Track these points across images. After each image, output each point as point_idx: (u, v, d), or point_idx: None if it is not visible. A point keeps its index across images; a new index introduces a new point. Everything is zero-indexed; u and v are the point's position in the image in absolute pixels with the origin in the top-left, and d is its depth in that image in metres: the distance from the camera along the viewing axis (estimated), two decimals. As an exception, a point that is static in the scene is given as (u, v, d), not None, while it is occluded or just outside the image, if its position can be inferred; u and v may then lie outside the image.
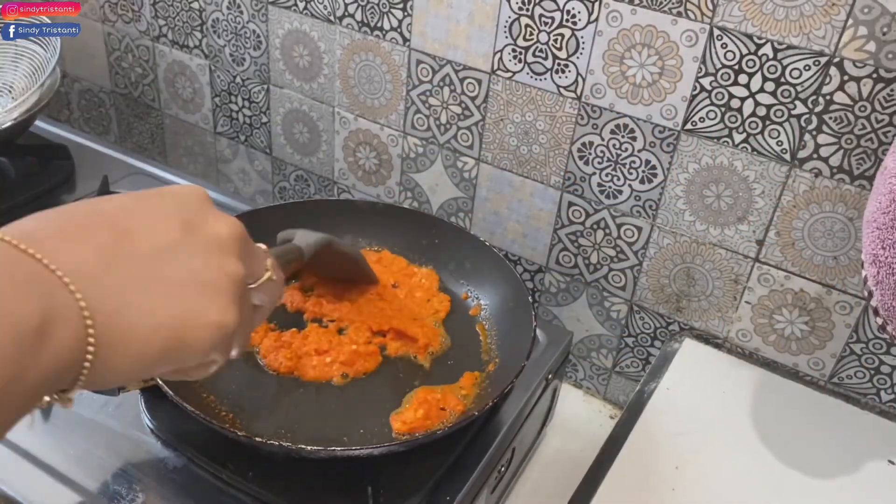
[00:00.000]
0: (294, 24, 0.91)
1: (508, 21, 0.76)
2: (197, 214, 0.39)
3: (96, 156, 1.01)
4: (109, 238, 0.34)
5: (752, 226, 0.73)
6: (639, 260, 0.81)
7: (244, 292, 0.40)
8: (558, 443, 0.83)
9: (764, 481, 0.66)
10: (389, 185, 0.95)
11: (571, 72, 0.75)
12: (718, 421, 0.72)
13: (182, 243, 0.37)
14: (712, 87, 0.69)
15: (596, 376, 0.91)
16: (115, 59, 1.12)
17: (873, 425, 0.73)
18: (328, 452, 0.57)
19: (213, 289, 0.37)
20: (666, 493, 0.65)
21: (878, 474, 0.68)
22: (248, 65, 0.98)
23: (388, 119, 0.90)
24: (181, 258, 0.36)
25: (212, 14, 0.98)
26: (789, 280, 0.74)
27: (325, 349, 0.69)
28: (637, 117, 0.74)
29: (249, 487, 0.59)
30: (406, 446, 0.58)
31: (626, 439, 0.69)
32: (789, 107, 0.67)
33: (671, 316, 0.82)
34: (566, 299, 0.88)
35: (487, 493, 0.66)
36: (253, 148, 1.05)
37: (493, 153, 0.84)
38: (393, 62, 0.86)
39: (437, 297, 0.78)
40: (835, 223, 0.69)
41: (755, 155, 0.70)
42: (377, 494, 0.59)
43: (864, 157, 0.66)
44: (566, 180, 0.81)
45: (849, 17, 0.62)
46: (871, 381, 0.75)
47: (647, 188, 0.77)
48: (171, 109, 1.11)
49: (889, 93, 0.62)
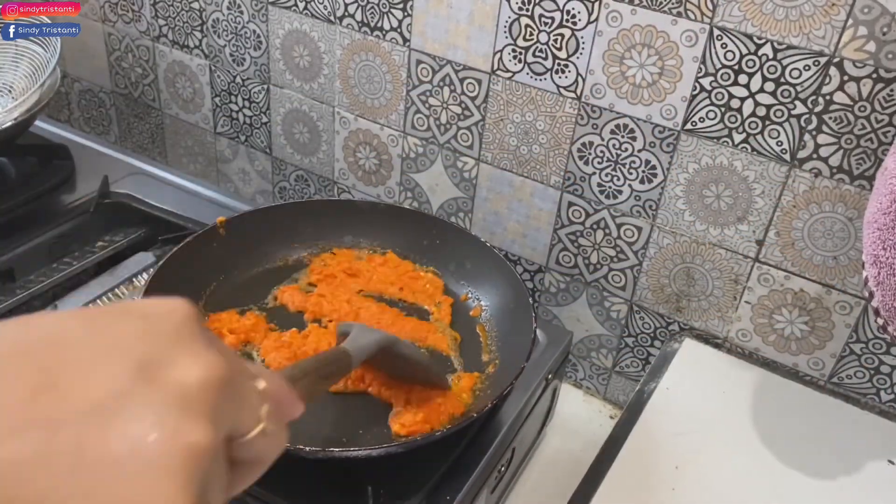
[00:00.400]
0: (294, 24, 0.91)
1: (508, 21, 0.76)
2: (163, 351, 0.29)
3: (96, 156, 1.01)
4: (24, 393, 0.26)
5: (752, 226, 0.73)
6: (639, 260, 0.81)
7: (213, 466, 0.29)
8: (558, 443, 0.83)
9: (764, 481, 0.66)
10: (389, 185, 0.95)
11: (571, 72, 0.75)
12: (718, 421, 0.72)
13: (130, 395, 0.27)
14: (712, 88, 0.69)
15: (596, 376, 0.92)
16: (116, 59, 1.12)
17: (873, 425, 0.73)
18: (326, 454, 0.57)
19: (161, 467, 0.26)
20: (666, 493, 0.65)
21: (878, 474, 0.68)
22: (249, 65, 0.98)
23: (388, 119, 0.90)
24: (123, 418, 0.26)
25: (212, 14, 0.98)
26: (789, 280, 0.74)
27: (324, 350, 0.69)
28: (637, 117, 0.74)
29: (250, 487, 0.59)
30: (405, 447, 0.58)
31: (626, 439, 0.69)
32: (789, 107, 0.67)
33: (671, 316, 0.82)
34: (566, 299, 0.88)
35: (487, 493, 0.66)
36: (253, 148, 1.05)
37: (493, 153, 0.84)
38: (393, 62, 0.86)
39: (442, 300, 0.78)
40: (834, 223, 0.69)
41: (755, 155, 0.70)
42: (377, 494, 0.59)
43: (864, 157, 0.66)
44: (566, 180, 0.81)
45: (849, 17, 0.62)
46: (870, 381, 0.75)
47: (646, 188, 0.77)
48: (171, 109, 1.11)
49: (889, 93, 0.62)
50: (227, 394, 0.30)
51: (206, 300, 0.74)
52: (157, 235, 0.90)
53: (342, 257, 0.81)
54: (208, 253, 0.76)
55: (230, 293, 0.76)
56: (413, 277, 0.80)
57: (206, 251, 0.76)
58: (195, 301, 0.73)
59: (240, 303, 0.75)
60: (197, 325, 0.30)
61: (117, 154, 1.02)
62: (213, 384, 0.29)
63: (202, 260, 0.75)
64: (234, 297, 0.75)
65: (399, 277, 0.79)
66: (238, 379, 0.31)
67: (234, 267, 0.78)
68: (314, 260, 0.81)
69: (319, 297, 0.75)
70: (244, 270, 0.79)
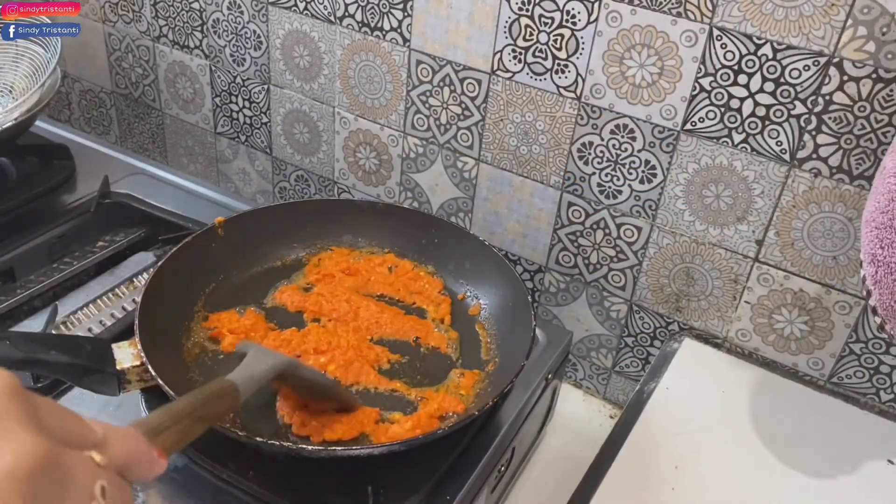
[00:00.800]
0: (294, 24, 0.91)
1: (508, 21, 0.76)
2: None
3: (97, 156, 1.01)
4: None
5: (752, 226, 0.73)
6: (638, 260, 0.81)
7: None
8: (558, 442, 0.83)
9: (763, 481, 0.67)
10: (389, 185, 0.95)
11: (571, 72, 0.76)
12: (718, 421, 0.72)
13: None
14: (712, 88, 0.69)
15: (596, 376, 0.92)
16: (116, 59, 1.12)
17: (873, 425, 0.73)
18: (328, 452, 0.57)
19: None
20: (666, 493, 0.65)
21: (878, 474, 0.68)
22: (249, 65, 0.98)
23: (388, 119, 0.90)
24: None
25: (212, 14, 0.98)
26: (789, 280, 0.74)
27: (324, 349, 0.69)
28: (637, 117, 0.74)
29: (250, 487, 0.59)
30: (406, 446, 0.58)
31: (626, 439, 0.69)
32: (789, 107, 0.67)
33: (671, 316, 0.83)
34: (566, 299, 0.88)
35: (487, 492, 0.66)
36: (253, 148, 1.05)
37: (493, 153, 0.85)
38: (393, 62, 0.86)
39: (441, 299, 0.78)
40: (834, 223, 0.69)
41: (755, 155, 0.70)
42: (377, 494, 0.59)
43: (864, 157, 0.66)
44: (566, 180, 0.81)
45: (848, 18, 0.62)
46: (870, 380, 0.75)
47: (646, 188, 0.77)
48: (171, 109, 1.11)
49: (888, 93, 0.63)
50: (43, 480, 0.27)
51: (205, 300, 0.74)
52: (157, 235, 0.90)
53: (340, 257, 0.81)
54: (207, 253, 0.76)
55: (229, 293, 0.76)
56: (412, 277, 0.80)
57: (204, 252, 0.76)
58: (194, 301, 0.73)
59: (239, 303, 0.75)
60: (11, 401, 0.27)
61: (118, 154, 1.02)
62: (22, 473, 0.26)
63: (201, 260, 0.75)
64: (233, 298, 0.75)
65: (398, 277, 0.80)
66: (61, 459, 0.28)
67: (232, 267, 0.78)
68: (312, 260, 0.81)
69: (318, 296, 0.75)
70: (243, 270, 0.79)
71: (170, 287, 0.70)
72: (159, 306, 0.67)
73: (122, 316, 0.76)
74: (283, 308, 0.75)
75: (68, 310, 0.77)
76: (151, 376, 0.59)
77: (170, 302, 0.70)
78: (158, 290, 0.68)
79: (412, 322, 0.74)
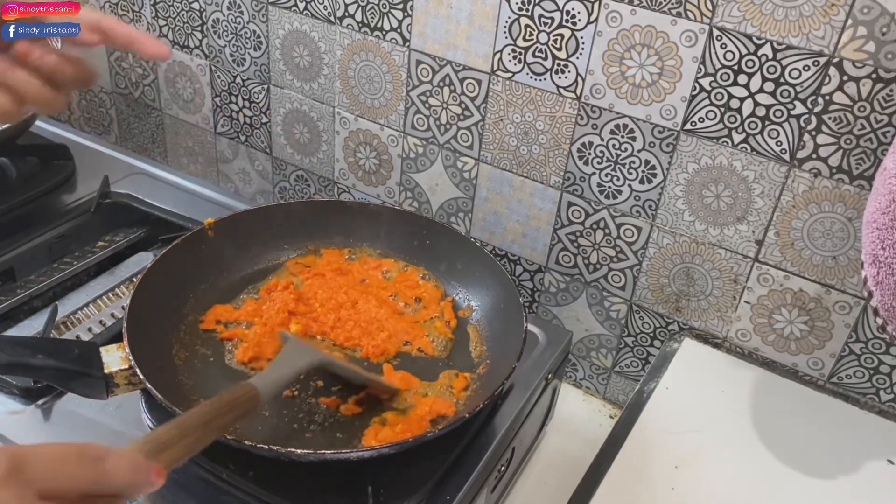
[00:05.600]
0: (294, 24, 0.91)
1: (508, 21, 0.76)
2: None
3: (97, 156, 1.01)
4: None
5: (752, 226, 0.73)
6: (638, 260, 0.81)
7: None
8: (558, 442, 0.83)
9: (763, 481, 0.67)
10: (389, 186, 0.95)
11: (571, 72, 0.76)
12: (718, 420, 0.72)
13: None
14: (712, 88, 0.69)
15: (595, 376, 0.92)
16: (116, 59, 1.12)
17: (873, 425, 0.73)
18: (318, 456, 0.56)
19: None
20: (665, 493, 0.65)
21: (878, 474, 0.68)
22: (249, 65, 0.98)
23: (388, 119, 0.90)
24: None
25: (212, 14, 0.98)
26: (788, 280, 0.74)
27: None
28: (636, 117, 0.74)
29: (250, 487, 0.59)
30: (396, 449, 0.58)
31: (626, 439, 0.69)
32: (788, 107, 0.67)
33: (671, 316, 0.83)
34: (566, 299, 0.88)
35: (487, 492, 0.66)
36: (253, 148, 1.05)
37: (493, 153, 0.85)
38: (393, 62, 0.86)
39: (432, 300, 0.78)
40: (834, 223, 0.69)
41: (754, 155, 0.70)
42: (377, 494, 0.59)
43: (864, 157, 0.66)
44: (566, 180, 0.81)
45: (848, 18, 0.62)
46: (870, 380, 0.75)
47: (646, 188, 0.77)
48: (171, 109, 1.11)
49: (888, 93, 0.63)
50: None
51: (195, 302, 0.74)
52: (157, 235, 0.90)
53: (331, 257, 0.81)
54: (197, 255, 0.75)
55: (219, 295, 0.76)
56: (410, 286, 0.79)
57: (194, 253, 0.75)
58: (184, 303, 0.73)
59: (229, 304, 0.75)
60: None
61: (118, 154, 1.02)
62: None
63: (191, 262, 0.75)
64: (224, 299, 0.75)
65: (395, 283, 0.79)
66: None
67: (223, 268, 0.77)
68: (303, 261, 0.81)
69: (310, 296, 0.75)
70: (233, 272, 0.78)
71: (159, 289, 0.69)
72: (148, 309, 0.67)
73: (122, 316, 0.76)
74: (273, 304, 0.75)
75: (68, 310, 0.77)
76: (140, 380, 0.59)
77: (159, 304, 0.69)
78: (147, 293, 0.68)
79: (405, 322, 0.74)
